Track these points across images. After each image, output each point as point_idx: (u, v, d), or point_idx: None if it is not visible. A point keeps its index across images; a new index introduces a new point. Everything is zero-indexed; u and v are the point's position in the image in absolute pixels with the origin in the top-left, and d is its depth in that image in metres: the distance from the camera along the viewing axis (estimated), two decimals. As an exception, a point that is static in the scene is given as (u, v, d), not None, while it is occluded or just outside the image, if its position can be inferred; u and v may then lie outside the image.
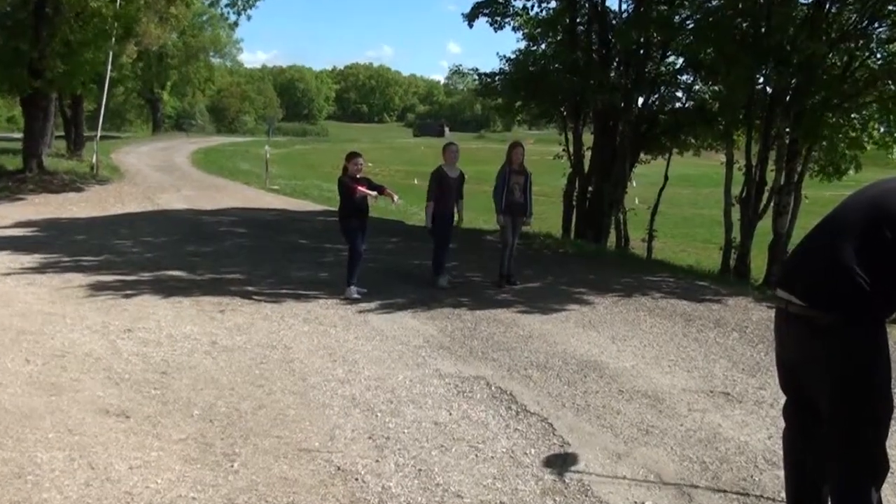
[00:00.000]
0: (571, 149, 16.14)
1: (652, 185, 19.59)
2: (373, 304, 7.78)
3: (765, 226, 12.94)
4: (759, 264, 13.28)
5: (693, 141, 15.82)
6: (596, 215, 15.36)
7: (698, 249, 19.95)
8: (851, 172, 13.65)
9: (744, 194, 12.82)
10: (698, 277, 10.36)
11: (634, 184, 18.93)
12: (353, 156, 8.18)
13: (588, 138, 16.36)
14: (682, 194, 34.55)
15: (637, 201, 20.76)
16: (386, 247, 11.97)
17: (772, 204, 12.55)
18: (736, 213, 12.91)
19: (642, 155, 16.16)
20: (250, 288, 8.43)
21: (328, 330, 6.74)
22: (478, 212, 22.46)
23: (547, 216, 19.91)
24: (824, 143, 12.92)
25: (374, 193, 8.09)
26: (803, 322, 2.88)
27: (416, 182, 31.41)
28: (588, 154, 16.02)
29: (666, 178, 15.70)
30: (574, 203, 16.10)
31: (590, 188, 15.74)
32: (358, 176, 8.10)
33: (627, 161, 15.18)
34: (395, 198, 8.45)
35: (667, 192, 16.27)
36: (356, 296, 8.02)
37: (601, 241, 14.82)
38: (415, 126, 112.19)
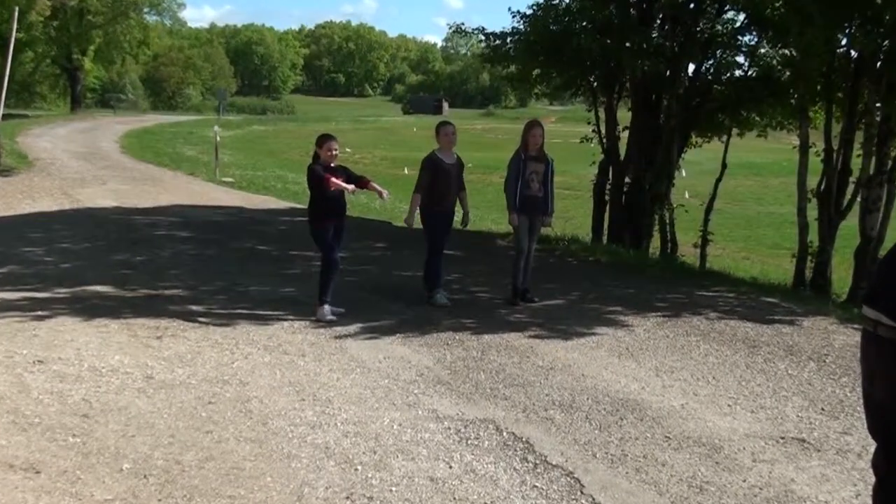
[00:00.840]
0: (603, 129, 16.16)
1: (706, 174, 19.61)
2: (352, 328, 7.80)
3: (849, 226, 12.95)
4: (842, 275, 13.30)
5: (758, 119, 15.82)
6: (635, 214, 15.38)
7: (765, 257, 20.03)
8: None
9: (822, 187, 12.83)
10: (765, 292, 10.42)
11: (684, 173, 18.91)
12: (325, 139, 8.23)
13: (625, 116, 16.38)
14: (744, 186, 34.76)
15: (687, 196, 20.69)
16: (369, 255, 12.04)
17: (858, 199, 12.56)
18: (813, 211, 12.92)
19: (693, 137, 16.18)
20: (196, 307, 8.46)
21: (295, 361, 6.74)
22: (484, 210, 22.48)
23: (573, 215, 19.88)
24: (925, 121, 12.90)
25: (352, 187, 8.15)
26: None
27: (406, 172, 31.42)
28: (625, 136, 16.05)
29: (724, 165, 15.72)
30: (607, 198, 16.13)
31: (627, 179, 15.76)
32: (332, 165, 8.15)
33: (675, 144, 15.20)
34: (384, 193, 8.44)
35: (725, 183, 16.29)
36: (331, 317, 8.06)
37: (641, 247, 14.85)
38: (405, 101, 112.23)
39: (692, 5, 15.04)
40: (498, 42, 16.38)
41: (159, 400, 5.70)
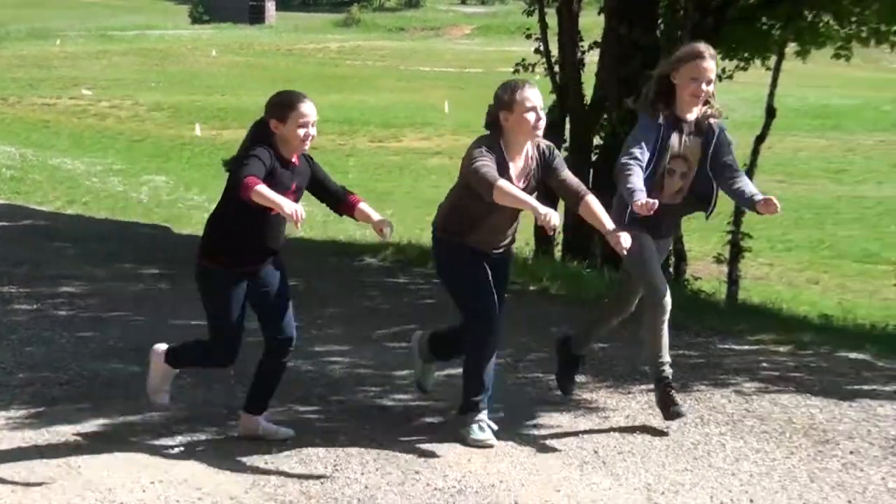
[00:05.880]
0: (555, 49, 11.59)
1: (739, 128, 13.31)
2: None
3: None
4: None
5: (835, 25, 11.14)
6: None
7: (848, 278, 15.96)
8: None
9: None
10: (848, 343, 7.60)
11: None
12: (293, 101, 4.78)
13: (593, 23, 11.86)
14: (810, 149, 26.10)
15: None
16: (319, 333, 7.54)
17: None
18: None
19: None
20: None
21: None
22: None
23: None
24: None
25: (296, 210, 4.45)
26: None
27: (197, 132, 23.01)
28: (593, 59, 11.36)
29: (770, 111, 11.72)
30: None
31: (598, 139, 10.95)
32: (294, 159, 4.81)
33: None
34: (387, 229, 5.03)
35: (775, 143, 12.96)
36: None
37: (590, 264, 10.34)
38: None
39: None
40: None
41: None
